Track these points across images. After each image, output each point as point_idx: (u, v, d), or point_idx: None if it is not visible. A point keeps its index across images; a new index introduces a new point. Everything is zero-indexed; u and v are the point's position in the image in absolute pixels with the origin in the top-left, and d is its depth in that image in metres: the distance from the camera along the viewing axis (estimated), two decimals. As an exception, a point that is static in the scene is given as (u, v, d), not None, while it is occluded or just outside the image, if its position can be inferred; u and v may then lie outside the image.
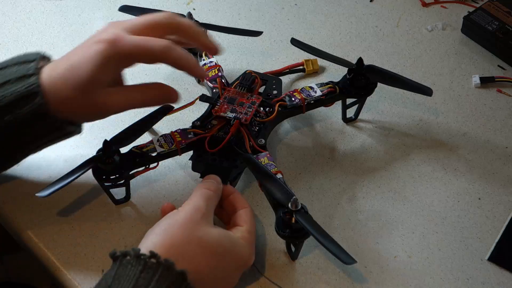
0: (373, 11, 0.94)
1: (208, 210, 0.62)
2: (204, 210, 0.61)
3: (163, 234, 0.58)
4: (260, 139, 0.71)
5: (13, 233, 0.71)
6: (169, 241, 0.58)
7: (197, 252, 0.58)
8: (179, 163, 0.74)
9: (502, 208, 0.71)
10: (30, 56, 0.65)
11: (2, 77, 0.63)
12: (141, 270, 0.54)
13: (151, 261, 0.54)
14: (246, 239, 0.62)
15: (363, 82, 0.75)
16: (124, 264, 0.54)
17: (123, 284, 0.53)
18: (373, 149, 0.77)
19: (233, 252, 0.60)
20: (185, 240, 0.58)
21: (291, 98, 0.74)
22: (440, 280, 0.66)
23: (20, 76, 0.63)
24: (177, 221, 0.59)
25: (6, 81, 0.63)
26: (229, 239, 0.61)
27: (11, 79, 0.63)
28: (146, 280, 0.53)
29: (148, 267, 0.54)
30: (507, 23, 0.86)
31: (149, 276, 0.53)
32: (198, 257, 0.58)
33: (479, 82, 0.83)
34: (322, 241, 0.60)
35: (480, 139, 0.78)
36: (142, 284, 0.53)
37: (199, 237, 0.58)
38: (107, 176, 0.66)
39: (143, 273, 0.54)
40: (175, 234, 0.58)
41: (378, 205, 0.72)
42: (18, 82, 0.62)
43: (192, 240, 0.58)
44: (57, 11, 0.93)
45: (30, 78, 0.62)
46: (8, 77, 0.63)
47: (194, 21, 0.79)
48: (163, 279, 0.54)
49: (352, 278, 0.65)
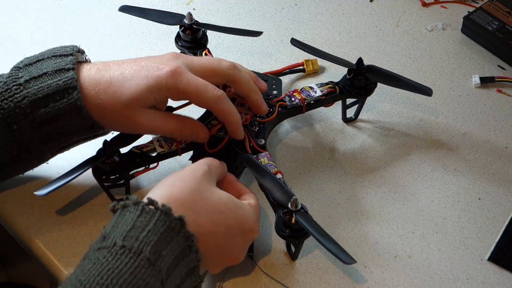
0: (373, 11, 0.94)
1: (212, 172, 0.61)
2: (207, 169, 0.60)
3: (165, 188, 0.58)
4: (260, 139, 0.71)
5: (13, 233, 0.71)
6: (170, 193, 0.57)
7: (199, 205, 0.57)
8: (179, 163, 0.74)
9: (502, 208, 0.71)
10: (67, 49, 0.65)
11: (38, 70, 0.63)
12: (138, 215, 0.54)
13: (149, 207, 0.54)
14: (252, 205, 0.62)
15: (363, 82, 0.75)
16: (123, 213, 0.55)
17: (120, 228, 0.53)
18: (373, 149, 0.77)
19: (237, 213, 0.60)
20: (187, 192, 0.57)
21: (291, 98, 0.74)
22: (440, 280, 0.66)
23: (58, 69, 0.63)
24: (180, 177, 0.59)
25: (43, 73, 0.63)
26: (233, 201, 0.60)
27: (48, 71, 0.63)
28: (143, 223, 0.53)
29: (145, 212, 0.54)
30: (507, 23, 0.86)
31: (146, 220, 0.53)
32: (198, 209, 0.57)
33: (479, 82, 0.83)
34: (322, 241, 0.60)
35: (480, 139, 0.78)
36: (139, 227, 0.53)
37: (202, 192, 0.58)
38: (107, 176, 0.66)
39: (140, 217, 0.53)
40: (176, 187, 0.58)
41: (378, 205, 0.72)
42: (56, 75, 0.63)
43: (194, 193, 0.58)
44: (57, 11, 0.93)
45: (68, 72, 0.63)
46: (45, 69, 0.63)
47: (194, 21, 0.79)
48: (160, 223, 0.53)
49: (352, 278, 0.65)
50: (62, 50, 0.65)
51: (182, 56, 0.66)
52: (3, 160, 0.64)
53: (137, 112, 0.63)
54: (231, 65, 0.68)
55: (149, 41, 0.89)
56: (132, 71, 0.63)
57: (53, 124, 0.63)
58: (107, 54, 0.87)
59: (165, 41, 0.87)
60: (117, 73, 0.63)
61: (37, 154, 0.65)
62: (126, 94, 0.62)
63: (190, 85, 0.63)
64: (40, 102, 0.62)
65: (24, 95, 0.62)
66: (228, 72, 0.67)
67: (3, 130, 0.62)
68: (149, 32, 0.90)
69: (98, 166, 0.66)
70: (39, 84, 0.62)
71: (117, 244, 0.52)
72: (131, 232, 0.52)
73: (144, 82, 0.62)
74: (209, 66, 0.67)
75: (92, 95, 0.63)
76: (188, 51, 0.80)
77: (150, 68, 0.63)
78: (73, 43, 0.65)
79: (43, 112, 0.62)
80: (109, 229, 0.53)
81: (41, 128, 0.63)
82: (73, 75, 0.62)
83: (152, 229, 0.53)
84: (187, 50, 0.80)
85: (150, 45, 0.88)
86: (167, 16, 0.82)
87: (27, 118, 0.62)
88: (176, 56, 0.66)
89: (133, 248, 0.51)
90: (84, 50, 0.67)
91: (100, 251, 0.52)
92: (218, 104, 0.65)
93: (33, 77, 0.63)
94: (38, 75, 0.63)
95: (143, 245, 0.52)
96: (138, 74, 0.63)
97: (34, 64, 0.64)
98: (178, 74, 0.63)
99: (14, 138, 0.62)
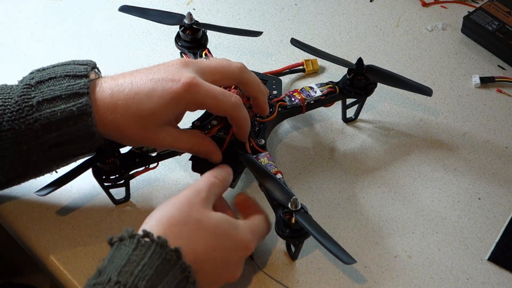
0: (373, 11, 0.93)
1: (209, 196, 0.61)
2: (204, 195, 0.60)
3: (160, 217, 0.58)
4: (260, 139, 0.71)
5: (13, 233, 0.71)
6: (165, 222, 0.57)
7: (193, 233, 0.57)
8: (179, 163, 0.74)
9: (502, 208, 0.71)
10: (81, 69, 0.64)
11: (51, 91, 0.62)
12: (133, 249, 0.53)
13: (144, 240, 0.54)
14: (249, 226, 0.62)
15: (363, 82, 0.75)
16: (119, 247, 0.54)
17: (116, 263, 0.52)
18: (373, 149, 0.77)
19: (232, 234, 0.59)
20: (182, 221, 0.57)
21: (291, 98, 0.74)
22: (440, 280, 0.66)
23: (72, 94, 0.61)
24: (175, 203, 0.59)
25: (56, 96, 0.61)
26: (228, 222, 0.60)
27: (62, 95, 0.61)
28: (138, 257, 0.52)
29: (141, 245, 0.53)
30: (507, 23, 0.86)
31: (142, 253, 0.53)
32: (195, 237, 0.57)
33: (479, 82, 0.83)
34: (322, 241, 0.60)
35: (480, 139, 0.78)
36: (134, 261, 0.52)
37: (196, 219, 0.58)
38: (107, 176, 0.66)
39: (135, 251, 0.53)
40: (171, 215, 0.57)
41: (378, 205, 0.72)
42: (69, 99, 0.61)
43: (189, 221, 0.57)
44: (57, 11, 0.93)
45: (82, 97, 0.61)
46: (58, 91, 0.61)
47: (194, 21, 0.79)
48: (156, 256, 0.53)
49: (352, 278, 0.65)
50: (75, 69, 0.64)
51: (192, 62, 0.65)
52: (9, 176, 0.63)
53: (155, 131, 0.63)
54: (242, 67, 0.67)
55: (149, 41, 0.89)
56: (147, 90, 0.62)
57: (63, 147, 0.62)
58: (107, 54, 0.87)
59: (165, 41, 0.87)
60: (132, 93, 0.62)
61: (44, 171, 0.65)
62: (144, 116, 0.61)
63: (208, 96, 0.62)
64: (52, 126, 0.61)
65: (36, 118, 0.60)
66: (240, 74, 0.67)
67: (12, 149, 0.61)
68: (149, 32, 0.90)
69: (98, 166, 0.66)
70: (52, 107, 0.61)
71: (112, 280, 0.51)
72: (126, 267, 0.52)
73: (161, 101, 0.61)
74: (221, 69, 0.66)
75: (108, 120, 0.62)
76: (188, 51, 0.80)
77: (165, 83, 0.62)
78: (73, 43, 0.65)
79: (54, 136, 0.61)
80: (105, 263, 0.53)
81: (51, 150, 0.62)
82: (87, 101, 0.61)
83: (147, 263, 0.52)
84: (187, 50, 0.80)
85: (150, 45, 0.88)
86: (167, 16, 0.82)
87: (38, 140, 0.61)
88: (186, 63, 0.64)
89: (128, 283, 0.51)
90: (95, 63, 0.66)
91: (95, 287, 0.51)
92: (236, 111, 0.65)
93: (45, 99, 0.61)
94: (51, 98, 0.61)
95: (138, 280, 0.51)
96: (154, 93, 0.61)
97: (46, 83, 0.62)
98: (195, 87, 0.62)
99: (22, 157, 0.62)
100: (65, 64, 0.65)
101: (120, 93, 0.62)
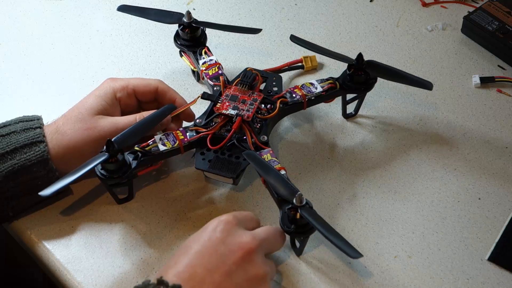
0: (373, 11, 0.94)
1: (228, 233, 0.60)
2: (220, 238, 0.59)
3: (176, 264, 0.57)
4: (262, 136, 0.71)
5: (13, 233, 0.71)
6: (182, 269, 0.56)
7: (208, 281, 0.56)
8: (181, 163, 0.74)
9: (502, 208, 0.71)
10: (33, 123, 0.69)
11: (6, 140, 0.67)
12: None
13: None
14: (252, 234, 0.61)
15: (363, 77, 0.75)
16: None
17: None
18: (373, 146, 0.77)
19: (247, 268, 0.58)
20: (202, 268, 0.56)
21: (292, 95, 0.74)
22: (440, 280, 0.66)
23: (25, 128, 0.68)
24: (194, 250, 0.58)
25: (10, 131, 0.67)
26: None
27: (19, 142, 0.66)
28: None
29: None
30: (507, 23, 0.86)
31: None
32: (210, 283, 0.56)
33: (479, 82, 0.83)
34: (328, 236, 0.60)
35: (480, 139, 0.78)
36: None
37: (215, 267, 0.57)
38: (111, 175, 0.66)
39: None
40: (188, 262, 0.57)
41: (378, 205, 0.72)
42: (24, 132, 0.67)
43: (209, 269, 0.56)
44: (57, 11, 0.93)
45: (38, 145, 0.66)
46: (15, 143, 0.66)
47: (193, 19, 0.79)
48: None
49: (352, 278, 0.65)
50: (28, 124, 0.69)
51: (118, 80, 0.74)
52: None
53: (93, 119, 0.69)
54: (158, 80, 0.75)
55: (149, 41, 0.89)
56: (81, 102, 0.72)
57: (19, 176, 0.65)
58: (107, 54, 0.87)
59: (165, 41, 0.87)
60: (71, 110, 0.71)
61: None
62: (81, 113, 0.70)
63: (128, 83, 0.73)
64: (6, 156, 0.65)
65: None
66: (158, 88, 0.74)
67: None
68: (149, 32, 0.90)
69: (101, 165, 0.66)
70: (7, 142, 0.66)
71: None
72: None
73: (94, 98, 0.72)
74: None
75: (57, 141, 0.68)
76: (187, 49, 0.80)
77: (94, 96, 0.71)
78: (73, 43, 0.66)
79: (9, 164, 0.64)
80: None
81: (6, 184, 0.64)
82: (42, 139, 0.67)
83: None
84: (186, 48, 0.80)
85: (150, 45, 0.88)
86: (166, 15, 0.82)
87: None
88: (107, 81, 0.74)
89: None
90: None
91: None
92: (162, 82, 0.74)
93: None
94: (5, 134, 0.67)
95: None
96: (90, 95, 0.73)
97: None
98: (112, 80, 0.73)
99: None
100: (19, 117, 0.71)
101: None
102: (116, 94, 0.71)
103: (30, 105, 0.80)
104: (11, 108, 0.81)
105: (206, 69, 0.77)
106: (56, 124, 0.69)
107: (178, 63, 0.85)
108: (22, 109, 0.74)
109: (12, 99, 0.82)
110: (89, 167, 0.65)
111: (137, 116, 0.70)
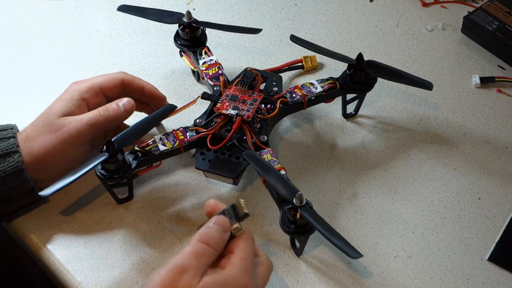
0: (373, 11, 0.94)
1: (197, 271, 0.53)
2: (192, 273, 0.53)
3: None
4: (262, 136, 0.71)
5: (13, 233, 0.71)
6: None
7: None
8: (181, 163, 0.74)
9: (502, 208, 0.71)
10: (7, 133, 0.68)
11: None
12: None
13: None
14: (238, 267, 0.55)
15: (363, 77, 0.75)
16: None
17: None
18: (373, 147, 0.77)
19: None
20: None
21: (292, 95, 0.74)
22: (440, 280, 0.66)
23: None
24: None
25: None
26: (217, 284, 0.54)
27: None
28: None
29: None
30: (507, 23, 0.86)
31: None
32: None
33: (479, 82, 0.83)
34: (328, 236, 0.60)
35: (480, 139, 0.78)
36: None
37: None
38: (110, 175, 0.66)
39: None
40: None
41: (378, 205, 0.72)
42: None
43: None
44: (57, 11, 0.93)
45: (12, 156, 0.66)
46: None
47: (193, 20, 0.79)
48: None
49: (352, 278, 0.65)
50: None
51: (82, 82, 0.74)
52: None
53: (59, 121, 0.68)
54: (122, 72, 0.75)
55: (149, 41, 0.89)
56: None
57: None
58: (107, 54, 0.87)
59: (165, 41, 0.87)
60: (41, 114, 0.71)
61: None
62: (46, 116, 0.69)
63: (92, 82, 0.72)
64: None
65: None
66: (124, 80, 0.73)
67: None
68: (149, 32, 0.90)
69: (101, 165, 0.66)
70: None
71: None
72: None
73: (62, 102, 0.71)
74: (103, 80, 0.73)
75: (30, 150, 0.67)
76: (187, 49, 0.80)
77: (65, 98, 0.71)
78: (73, 43, 0.66)
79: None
80: None
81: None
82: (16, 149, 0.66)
83: None
84: (186, 48, 0.80)
85: (150, 45, 0.88)
86: (166, 15, 0.82)
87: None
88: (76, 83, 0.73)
89: None
90: None
91: None
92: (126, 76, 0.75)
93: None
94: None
95: None
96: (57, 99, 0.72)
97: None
98: (77, 83, 0.72)
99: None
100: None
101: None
102: (83, 96, 0.71)
103: (30, 105, 0.80)
104: (11, 108, 0.81)
105: (206, 69, 0.77)
106: (25, 132, 0.68)
107: (178, 63, 0.85)
108: (22, 109, 0.74)
109: (12, 99, 0.82)
110: (89, 167, 0.65)
111: (100, 110, 0.69)
